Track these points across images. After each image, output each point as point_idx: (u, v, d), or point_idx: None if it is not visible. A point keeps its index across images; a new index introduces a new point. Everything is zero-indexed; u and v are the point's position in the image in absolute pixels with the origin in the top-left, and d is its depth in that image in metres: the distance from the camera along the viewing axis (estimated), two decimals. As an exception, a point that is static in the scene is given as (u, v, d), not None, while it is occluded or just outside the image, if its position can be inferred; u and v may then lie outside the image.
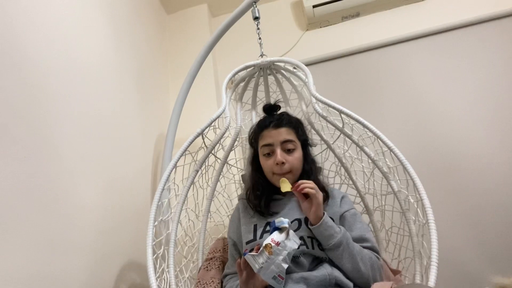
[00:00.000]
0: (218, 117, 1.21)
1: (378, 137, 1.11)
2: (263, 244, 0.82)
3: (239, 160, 1.52)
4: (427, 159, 1.68)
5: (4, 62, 0.85)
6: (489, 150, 1.62)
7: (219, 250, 1.19)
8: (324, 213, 0.93)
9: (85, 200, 1.08)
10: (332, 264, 0.92)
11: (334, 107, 1.17)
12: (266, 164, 1.06)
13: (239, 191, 1.46)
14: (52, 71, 1.03)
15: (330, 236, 0.91)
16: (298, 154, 1.06)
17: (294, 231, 0.94)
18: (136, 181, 1.44)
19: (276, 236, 0.83)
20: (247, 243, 0.99)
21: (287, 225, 0.85)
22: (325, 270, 0.89)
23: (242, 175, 1.35)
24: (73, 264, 0.97)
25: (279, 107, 1.19)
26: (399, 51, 1.89)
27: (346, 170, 1.30)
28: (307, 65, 1.96)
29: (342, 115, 1.18)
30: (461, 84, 1.75)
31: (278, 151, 1.03)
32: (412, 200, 1.09)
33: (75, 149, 1.07)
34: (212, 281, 1.06)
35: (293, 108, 1.50)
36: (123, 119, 1.42)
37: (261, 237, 0.98)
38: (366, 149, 1.20)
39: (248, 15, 1.46)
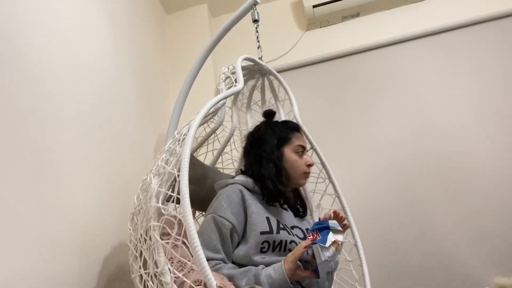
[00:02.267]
0: (239, 90, 1.13)
1: (331, 182, 1.27)
2: (331, 240, 0.85)
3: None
4: (427, 159, 1.68)
5: (4, 62, 0.86)
6: (489, 150, 1.62)
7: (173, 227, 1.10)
8: None
9: (85, 200, 1.08)
10: None
11: (309, 141, 1.30)
12: (300, 161, 1.12)
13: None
14: (52, 71, 1.03)
15: None
16: None
17: (301, 239, 1.01)
18: (136, 181, 1.43)
19: (337, 236, 0.88)
20: (262, 233, 0.97)
21: (341, 229, 0.91)
22: None
23: (191, 155, 1.29)
24: (73, 264, 0.97)
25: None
26: (399, 51, 1.89)
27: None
28: (306, 65, 2.00)
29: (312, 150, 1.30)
30: (461, 84, 1.76)
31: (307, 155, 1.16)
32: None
33: (75, 149, 1.07)
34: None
35: (285, 111, 1.51)
36: (123, 119, 1.42)
37: (277, 232, 0.98)
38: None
39: (249, 14, 1.46)
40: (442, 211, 1.60)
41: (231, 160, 1.53)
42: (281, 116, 1.50)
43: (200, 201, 1.19)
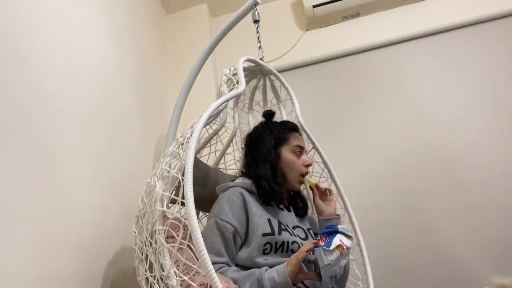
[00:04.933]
0: (241, 92, 1.11)
1: (333, 181, 1.25)
2: (336, 243, 0.85)
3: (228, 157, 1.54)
4: (427, 159, 1.69)
5: (4, 62, 0.85)
6: (490, 150, 1.63)
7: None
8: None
9: (86, 200, 1.07)
10: None
11: (311, 140, 1.29)
12: (297, 161, 1.13)
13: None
14: (52, 71, 1.03)
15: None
16: None
17: (302, 239, 1.02)
18: (136, 181, 1.44)
19: (345, 240, 0.87)
20: (264, 235, 0.97)
21: (351, 234, 0.90)
22: None
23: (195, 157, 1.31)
24: (74, 264, 0.96)
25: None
26: (399, 51, 1.89)
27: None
28: (306, 65, 2.00)
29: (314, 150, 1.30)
30: (461, 84, 1.76)
31: (306, 156, 1.17)
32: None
33: (75, 149, 1.07)
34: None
35: (287, 111, 1.51)
36: (123, 118, 1.42)
37: (279, 233, 0.99)
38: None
39: (249, 15, 1.46)
40: (442, 211, 1.61)
41: (233, 161, 1.53)
42: (282, 116, 1.50)
43: (204, 202, 1.19)
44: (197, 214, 1.43)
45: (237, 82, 1.13)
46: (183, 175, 0.74)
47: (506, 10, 1.77)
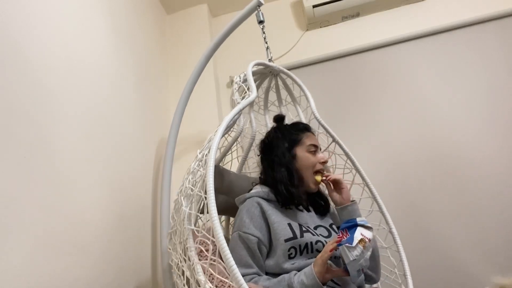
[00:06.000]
0: (253, 100, 1.12)
1: (358, 172, 1.25)
2: (358, 238, 0.87)
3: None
4: (427, 159, 1.69)
5: (4, 62, 0.85)
6: (490, 150, 1.63)
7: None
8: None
9: (86, 201, 1.08)
10: None
11: (330, 135, 1.29)
12: (312, 159, 1.13)
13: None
14: (52, 71, 1.03)
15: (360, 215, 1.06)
16: None
17: (326, 237, 1.04)
18: (138, 182, 1.44)
19: (366, 233, 0.89)
20: (286, 240, 0.99)
21: (370, 225, 0.92)
22: None
23: (216, 165, 1.34)
24: (75, 264, 0.97)
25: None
26: (399, 51, 1.89)
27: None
28: (307, 65, 2.00)
29: (334, 143, 1.30)
30: (462, 84, 1.76)
31: (321, 153, 1.17)
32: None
33: (75, 149, 1.07)
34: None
35: (303, 108, 1.52)
36: (124, 119, 1.42)
37: (301, 236, 1.00)
38: None
39: (250, 16, 1.46)
40: (442, 210, 1.61)
41: (256, 164, 1.53)
42: (298, 113, 1.52)
43: (231, 208, 1.22)
44: (228, 219, 1.50)
45: (248, 89, 1.15)
46: (205, 193, 0.78)
47: (505, 10, 1.77)
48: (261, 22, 1.40)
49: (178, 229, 0.95)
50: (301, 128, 1.20)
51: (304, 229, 1.03)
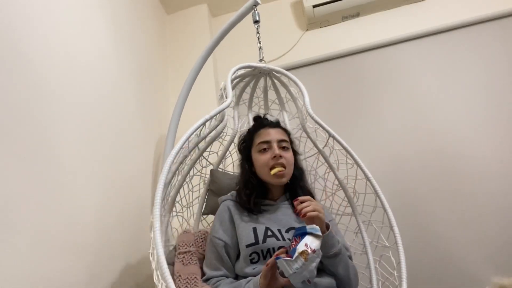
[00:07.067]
0: (226, 107, 1.15)
1: (359, 166, 1.20)
2: (299, 250, 0.82)
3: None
4: (427, 159, 1.68)
5: (3, 62, 0.85)
6: (490, 150, 1.63)
7: (192, 245, 1.13)
8: (328, 224, 0.97)
9: (86, 200, 1.08)
10: (326, 274, 0.98)
11: (325, 130, 1.25)
12: (262, 159, 1.09)
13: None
14: (52, 71, 1.03)
15: (332, 245, 0.96)
16: (291, 154, 1.13)
17: None
18: (136, 181, 1.44)
19: (311, 242, 0.84)
20: (248, 246, 0.99)
21: (320, 233, 0.87)
22: (329, 279, 0.96)
23: (211, 170, 1.38)
24: (74, 264, 0.97)
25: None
26: (399, 51, 1.89)
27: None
28: (307, 65, 2.00)
29: (330, 139, 1.27)
30: (462, 84, 1.76)
31: (275, 145, 1.09)
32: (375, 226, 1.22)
33: (75, 149, 1.07)
34: (195, 277, 1.01)
35: (289, 113, 1.53)
36: (123, 119, 1.42)
37: (264, 241, 0.99)
38: (336, 172, 1.32)
39: (249, 15, 1.46)
40: (442, 211, 1.60)
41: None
42: (284, 117, 1.52)
43: None
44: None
45: (225, 96, 1.17)
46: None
47: (506, 10, 1.77)
48: (256, 22, 1.41)
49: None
50: (254, 128, 1.19)
51: (269, 233, 1.01)
